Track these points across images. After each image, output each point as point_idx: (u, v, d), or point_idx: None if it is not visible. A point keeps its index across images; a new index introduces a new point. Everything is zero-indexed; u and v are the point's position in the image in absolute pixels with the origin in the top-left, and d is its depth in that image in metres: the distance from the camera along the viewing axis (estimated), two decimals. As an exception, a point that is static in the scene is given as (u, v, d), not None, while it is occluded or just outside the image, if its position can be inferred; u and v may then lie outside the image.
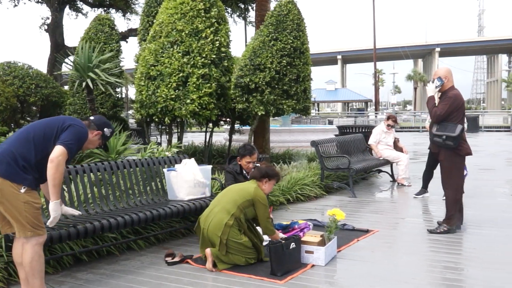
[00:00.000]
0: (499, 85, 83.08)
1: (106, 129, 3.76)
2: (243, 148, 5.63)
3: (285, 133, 17.08)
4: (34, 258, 3.34)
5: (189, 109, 7.78)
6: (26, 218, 3.29)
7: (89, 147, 3.80)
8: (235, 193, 4.52)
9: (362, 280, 4.04)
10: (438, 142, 5.41)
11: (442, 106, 5.36)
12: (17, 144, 3.38)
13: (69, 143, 3.41)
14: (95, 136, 3.72)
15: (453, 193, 5.47)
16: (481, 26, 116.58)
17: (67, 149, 3.39)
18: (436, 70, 5.62)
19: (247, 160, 5.54)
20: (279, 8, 8.90)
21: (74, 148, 3.46)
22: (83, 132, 3.57)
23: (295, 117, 28.07)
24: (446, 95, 5.42)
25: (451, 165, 5.46)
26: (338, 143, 9.00)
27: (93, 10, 20.78)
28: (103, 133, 3.75)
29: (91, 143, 3.73)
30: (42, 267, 3.41)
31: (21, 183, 3.30)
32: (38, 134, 3.43)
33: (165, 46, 8.10)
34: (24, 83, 11.24)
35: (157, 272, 4.28)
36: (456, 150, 5.38)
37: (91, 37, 10.34)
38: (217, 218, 4.35)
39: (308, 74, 9.05)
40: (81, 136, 3.54)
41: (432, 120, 5.49)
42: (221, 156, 10.94)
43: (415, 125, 32.90)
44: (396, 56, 78.37)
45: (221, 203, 4.46)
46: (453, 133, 5.29)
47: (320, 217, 6.28)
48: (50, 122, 3.55)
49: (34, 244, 3.34)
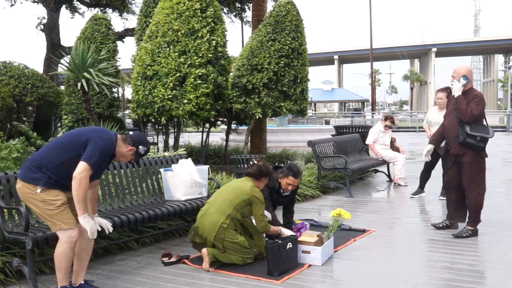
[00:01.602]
0: (495, 85, 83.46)
1: (141, 147, 3.71)
2: (289, 169, 5.15)
3: (282, 133, 17.08)
4: (60, 254, 3.43)
5: (186, 109, 7.77)
6: (49, 216, 3.44)
7: (120, 160, 3.79)
8: (231, 192, 4.50)
9: (358, 280, 4.04)
10: (470, 143, 5.18)
11: (475, 106, 5.20)
12: (43, 149, 3.61)
13: (90, 158, 3.44)
14: (129, 152, 3.68)
15: (478, 196, 5.33)
16: (477, 26, 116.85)
17: (89, 164, 3.42)
18: (456, 69, 5.43)
19: (289, 181, 5.11)
20: (278, 8, 8.90)
21: (95, 161, 3.46)
22: (105, 143, 3.55)
23: (292, 117, 28.06)
24: (472, 94, 5.30)
25: (477, 168, 5.32)
26: (335, 143, 9.00)
27: (89, 10, 20.72)
28: (137, 150, 3.70)
29: (123, 156, 3.71)
30: (68, 264, 3.48)
31: (36, 184, 3.43)
32: (65, 140, 3.59)
33: (161, 46, 8.09)
34: (20, 83, 11.18)
35: (153, 272, 4.27)
36: (483, 153, 5.28)
37: (88, 37, 10.31)
38: (212, 218, 4.35)
39: (305, 75, 9.06)
40: (103, 147, 3.53)
41: (466, 120, 5.21)
42: (217, 156, 10.93)
43: (412, 125, 32.99)
44: (393, 56, 78.53)
45: (217, 203, 4.45)
46: (488, 135, 5.19)
47: (317, 217, 6.29)
48: (81, 131, 3.68)
49: (65, 241, 3.43)
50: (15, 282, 3.92)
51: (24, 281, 3.89)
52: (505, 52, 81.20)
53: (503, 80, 67.91)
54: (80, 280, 3.67)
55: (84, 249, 3.64)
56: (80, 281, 3.67)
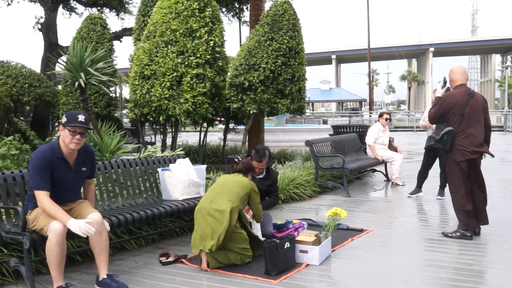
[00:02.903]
0: (492, 85, 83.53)
1: (63, 119, 3.82)
2: (254, 153, 5.36)
3: (280, 132, 17.07)
4: (48, 249, 3.54)
5: (182, 108, 7.76)
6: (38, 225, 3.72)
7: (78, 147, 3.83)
8: (235, 185, 4.52)
9: (356, 279, 4.04)
10: (433, 145, 5.35)
11: (433, 108, 5.28)
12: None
13: (32, 183, 3.69)
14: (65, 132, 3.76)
15: (456, 197, 5.30)
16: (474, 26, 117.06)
17: (35, 189, 3.66)
18: (452, 68, 5.42)
19: (255, 165, 5.20)
20: (274, 8, 8.90)
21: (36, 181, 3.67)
22: (34, 161, 3.71)
23: (289, 117, 28.06)
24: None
25: (451, 169, 5.29)
26: (333, 142, 9.01)
27: (87, 9, 20.68)
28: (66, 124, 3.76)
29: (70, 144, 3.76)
30: (57, 259, 3.53)
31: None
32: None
33: (159, 46, 8.08)
34: (18, 83, 11.17)
35: (151, 272, 4.26)
36: (452, 154, 5.20)
37: (83, 36, 10.31)
38: (223, 209, 4.26)
39: (303, 74, 9.06)
40: (34, 166, 3.70)
41: (431, 123, 5.42)
42: (215, 155, 10.92)
43: (409, 125, 33.03)
44: (390, 56, 78.57)
45: (224, 196, 4.38)
46: (436, 136, 5.21)
47: (315, 216, 6.29)
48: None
49: (51, 237, 3.53)
50: (12, 282, 3.91)
51: (21, 281, 3.88)
52: (502, 52, 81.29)
53: (500, 79, 68.03)
54: (102, 275, 3.76)
55: (95, 246, 3.75)
56: (102, 276, 3.76)
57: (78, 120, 3.74)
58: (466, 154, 5.16)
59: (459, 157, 5.18)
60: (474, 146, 5.15)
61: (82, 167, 3.94)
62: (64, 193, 3.83)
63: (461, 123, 5.13)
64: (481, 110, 5.22)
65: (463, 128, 5.14)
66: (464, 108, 5.11)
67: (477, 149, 5.17)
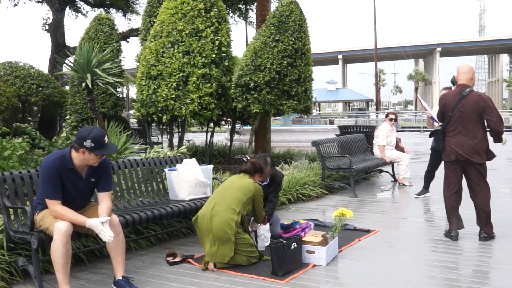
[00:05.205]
0: (500, 85, 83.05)
1: (86, 142, 3.64)
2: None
3: (286, 133, 17.07)
4: (52, 250, 3.53)
5: (189, 108, 7.78)
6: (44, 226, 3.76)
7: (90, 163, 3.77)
8: (237, 190, 4.47)
9: (363, 279, 4.03)
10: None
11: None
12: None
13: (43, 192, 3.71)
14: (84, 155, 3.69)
15: (444, 196, 5.37)
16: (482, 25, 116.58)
17: (46, 198, 3.67)
18: (458, 68, 5.39)
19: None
20: (281, 8, 8.86)
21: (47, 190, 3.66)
22: (44, 170, 3.69)
23: (296, 117, 28.05)
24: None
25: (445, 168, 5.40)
26: (339, 143, 8.99)
27: (93, 10, 20.76)
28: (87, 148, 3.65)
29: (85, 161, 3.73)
30: (61, 260, 3.49)
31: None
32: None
33: (165, 46, 8.11)
34: (26, 83, 11.24)
35: (158, 272, 4.28)
36: (442, 154, 5.32)
37: (91, 37, 10.34)
38: (224, 216, 4.27)
39: (309, 74, 9.04)
40: (44, 174, 3.69)
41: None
42: (222, 156, 10.93)
43: (416, 125, 32.92)
44: (397, 56, 78.35)
45: (226, 201, 4.38)
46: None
47: (321, 217, 6.28)
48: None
49: (55, 237, 3.52)
50: (21, 281, 3.94)
51: (29, 280, 3.91)
52: (510, 51, 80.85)
53: (508, 79, 67.62)
54: (118, 276, 3.77)
55: (112, 247, 3.75)
56: (118, 277, 3.76)
57: (106, 146, 3.70)
58: (453, 155, 5.14)
59: (446, 157, 5.25)
60: (462, 150, 5.07)
61: (92, 178, 3.86)
62: (75, 200, 3.82)
63: (448, 124, 5.18)
64: (472, 111, 5.05)
65: (451, 128, 5.15)
66: (453, 109, 5.11)
67: (465, 154, 5.07)
